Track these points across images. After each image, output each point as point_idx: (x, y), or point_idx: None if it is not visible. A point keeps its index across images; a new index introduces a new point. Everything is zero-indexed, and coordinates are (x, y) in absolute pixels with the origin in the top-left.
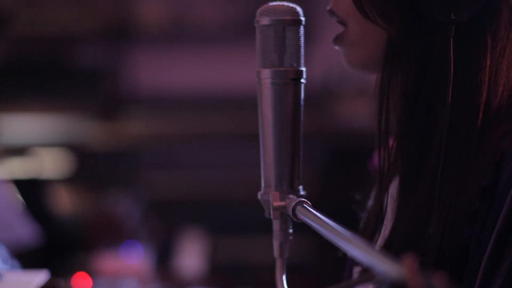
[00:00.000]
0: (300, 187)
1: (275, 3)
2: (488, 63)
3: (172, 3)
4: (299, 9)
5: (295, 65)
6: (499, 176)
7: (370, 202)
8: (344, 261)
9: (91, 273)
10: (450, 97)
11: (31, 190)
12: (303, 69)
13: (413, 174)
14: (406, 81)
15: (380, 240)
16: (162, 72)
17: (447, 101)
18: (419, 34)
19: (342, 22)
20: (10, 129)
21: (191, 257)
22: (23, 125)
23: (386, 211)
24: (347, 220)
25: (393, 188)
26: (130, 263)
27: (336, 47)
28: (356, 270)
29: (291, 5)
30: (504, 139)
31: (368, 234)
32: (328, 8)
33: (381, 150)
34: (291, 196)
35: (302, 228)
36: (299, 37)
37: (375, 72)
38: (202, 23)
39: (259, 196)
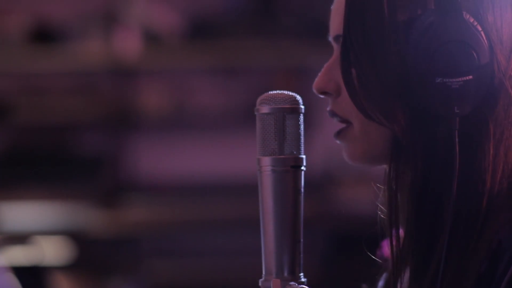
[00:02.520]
0: (301, 274)
1: (275, 92)
2: (491, 151)
3: (173, 90)
4: (298, 97)
5: (295, 152)
6: (496, 264)
7: None
8: None
9: None
10: (455, 190)
11: (32, 277)
12: (303, 156)
13: (422, 266)
14: (414, 179)
15: None
16: (163, 159)
17: (452, 194)
18: (423, 130)
19: (344, 121)
20: (10, 217)
21: None
22: (23, 213)
23: None
24: None
25: (405, 278)
26: None
27: (338, 142)
28: None
29: (290, 93)
30: (502, 228)
31: None
32: (328, 109)
33: (392, 242)
34: (292, 283)
35: None
36: (299, 125)
37: (377, 165)
38: (203, 111)
39: (260, 284)
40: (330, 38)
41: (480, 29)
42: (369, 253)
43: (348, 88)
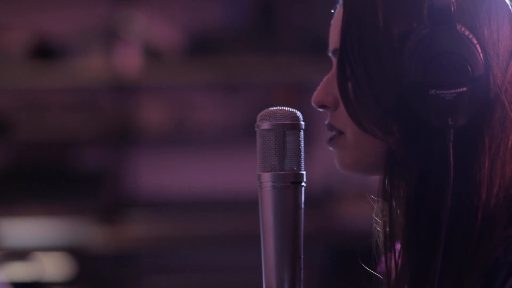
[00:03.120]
0: None
1: (275, 108)
2: (486, 164)
3: (173, 106)
4: (299, 113)
5: (295, 168)
6: (492, 282)
7: None
8: None
9: None
10: (449, 203)
11: None
12: (304, 172)
13: (419, 282)
14: (408, 191)
15: None
16: (163, 175)
17: (446, 207)
18: (417, 142)
19: (340, 132)
20: (11, 233)
21: None
22: (24, 229)
23: None
24: None
25: None
26: None
27: (331, 148)
28: None
29: (291, 109)
30: (498, 245)
31: None
32: (326, 122)
33: (388, 257)
34: None
35: None
36: (299, 141)
37: (368, 175)
38: (203, 127)
39: None
40: (329, 53)
41: (475, 41)
42: (368, 269)
43: (344, 100)
